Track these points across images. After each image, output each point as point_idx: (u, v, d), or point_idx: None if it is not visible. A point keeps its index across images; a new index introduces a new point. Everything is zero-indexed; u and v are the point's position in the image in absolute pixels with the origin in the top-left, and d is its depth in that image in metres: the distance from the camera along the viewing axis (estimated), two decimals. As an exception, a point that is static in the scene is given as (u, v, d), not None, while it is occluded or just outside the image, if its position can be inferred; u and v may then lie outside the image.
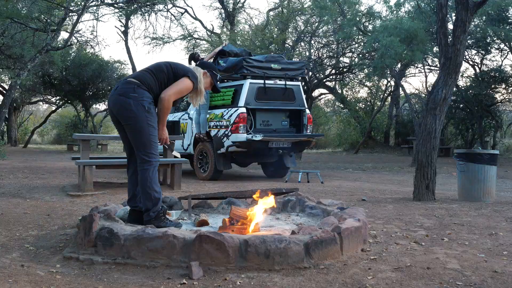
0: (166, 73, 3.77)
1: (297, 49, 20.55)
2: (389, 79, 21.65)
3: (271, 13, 22.93)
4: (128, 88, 3.69)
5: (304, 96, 9.79)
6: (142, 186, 3.76)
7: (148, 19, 40.71)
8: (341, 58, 21.08)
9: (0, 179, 8.42)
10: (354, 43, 20.08)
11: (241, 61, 8.99)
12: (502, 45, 18.63)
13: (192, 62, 9.36)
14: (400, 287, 2.89)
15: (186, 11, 24.33)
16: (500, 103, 20.47)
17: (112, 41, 66.59)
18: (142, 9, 19.16)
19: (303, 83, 9.74)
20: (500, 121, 20.85)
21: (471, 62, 20.02)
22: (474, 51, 19.47)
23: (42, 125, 28.24)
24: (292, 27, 21.05)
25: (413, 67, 20.73)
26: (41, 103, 29.38)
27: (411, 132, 20.80)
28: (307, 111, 9.65)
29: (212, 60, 9.41)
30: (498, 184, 8.42)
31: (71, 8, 15.05)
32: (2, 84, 23.98)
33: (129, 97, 3.66)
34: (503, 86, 19.14)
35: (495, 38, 17.82)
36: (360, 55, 19.96)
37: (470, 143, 19.42)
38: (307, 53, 20.67)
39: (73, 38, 18.38)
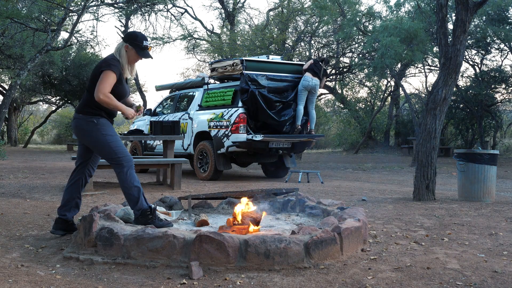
0: (92, 78, 3.94)
1: (297, 49, 20.55)
2: (389, 79, 21.65)
3: (271, 13, 22.93)
4: (75, 114, 4.04)
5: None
6: (121, 188, 3.93)
7: (148, 19, 40.75)
8: (341, 58, 21.08)
9: (0, 179, 8.42)
10: (354, 43, 20.07)
11: None
12: (502, 45, 18.63)
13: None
14: (400, 287, 2.89)
15: (186, 11, 24.33)
16: (500, 103, 20.47)
17: (112, 41, 66.62)
18: (142, 9, 19.15)
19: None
20: (500, 121, 20.85)
21: (471, 62, 20.02)
22: (474, 51, 19.48)
23: (42, 125, 28.24)
24: (292, 27, 21.04)
25: (413, 67, 20.73)
26: (41, 103, 29.38)
27: (411, 132, 20.80)
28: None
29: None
30: (498, 184, 8.43)
31: (71, 8, 15.04)
32: (2, 84, 23.99)
33: (79, 118, 3.97)
34: (503, 86, 19.14)
35: (495, 38, 17.81)
36: (360, 55, 19.96)
37: (470, 143, 19.42)
38: (307, 53, 20.67)
39: (73, 38, 18.39)
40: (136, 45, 3.91)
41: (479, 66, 19.98)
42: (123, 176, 3.87)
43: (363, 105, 24.27)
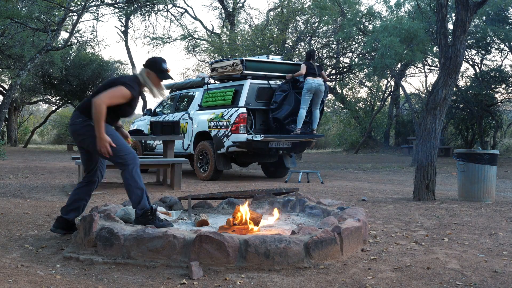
0: (103, 86, 3.96)
1: (297, 49, 20.55)
2: (389, 79, 21.66)
3: (271, 13, 22.93)
4: (74, 117, 4.02)
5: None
6: (124, 186, 3.91)
7: (148, 19, 40.73)
8: (341, 58, 21.08)
9: (0, 179, 8.42)
10: (354, 43, 20.07)
11: None
12: (502, 45, 18.63)
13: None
14: (400, 287, 2.89)
15: (186, 11, 24.35)
16: (500, 103, 20.47)
17: (112, 41, 66.58)
18: (142, 9, 19.16)
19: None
20: (500, 121, 20.85)
21: (471, 62, 20.03)
22: (474, 51, 19.48)
23: (42, 125, 28.22)
24: (292, 27, 21.04)
25: (413, 67, 20.74)
26: (41, 103, 29.36)
27: (411, 132, 20.81)
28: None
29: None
30: (498, 184, 8.43)
31: (71, 8, 15.05)
32: (2, 84, 23.98)
33: (76, 123, 3.97)
34: (503, 86, 19.14)
35: (495, 38, 17.82)
36: (360, 55, 19.96)
37: (470, 143, 19.42)
38: (307, 53, 20.63)
39: (73, 38, 18.39)
40: (156, 69, 4.03)
41: (479, 66, 19.99)
42: (128, 175, 3.85)
43: (363, 105, 24.28)
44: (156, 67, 4.04)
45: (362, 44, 18.84)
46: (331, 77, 21.24)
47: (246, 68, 8.95)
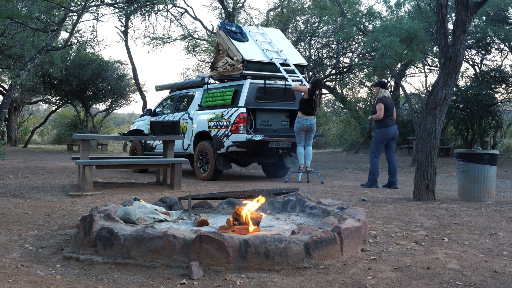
0: None
1: (297, 49, 20.55)
2: (389, 79, 21.64)
3: (271, 13, 22.92)
4: None
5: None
6: None
7: (148, 19, 40.70)
8: (341, 58, 21.07)
9: (0, 179, 8.42)
10: (354, 43, 20.08)
11: None
12: (502, 45, 18.62)
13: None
14: (400, 287, 2.89)
15: (186, 11, 24.28)
16: (500, 103, 20.46)
17: (112, 41, 66.70)
18: (142, 9, 19.14)
19: (303, 83, 9.74)
20: (500, 121, 20.83)
21: (471, 62, 20.01)
22: (474, 51, 19.47)
23: (42, 125, 28.23)
24: (292, 27, 21.04)
25: (413, 67, 20.72)
26: (41, 103, 29.36)
27: (411, 132, 20.79)
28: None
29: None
30: (498, 184, 8.42)
31: (71, 8, 15.05)
32: (2, 84, 23.98)
33: None
34: (503, 86, 19.12)
35: (495, 38, 17.81)
36: (360, 55, 19.96)
37: (470, 143, 19.41)
38: (307, 53, 20.67)
39: (73, 38, 18.39)
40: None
41: (479, 66, 19.98)
42: None
43: (363, 105, 24.28)
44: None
45: (362, 44, 18.85)
46: (331, 77, 21.26)
47: (246, 68, 8.97)
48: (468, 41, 17.09)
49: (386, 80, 8.93)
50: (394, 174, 8.31)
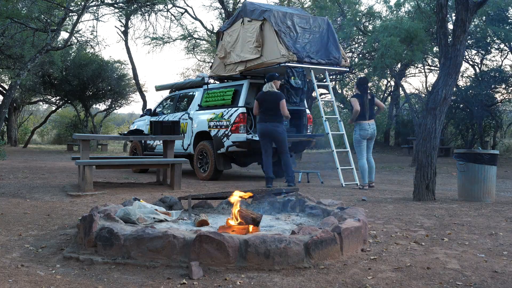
0: None
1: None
2: (389, 79, 21.66)
3: (271, 13, 22.88)
4: None
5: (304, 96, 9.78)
6: None
7: (148, 19, 40.72)
8: (341, 58, 21.05)
9: (0, 179, 8.42)
10: (354, 43, 20.06)
11: None
12: (502, 45, 18.62)
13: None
14: (400, 287, 2.89)
15: (186, 11, 24.28)
16: (500, 103, 20.46)
17: (112, 41, 66.66)
18: (142, 9, 19.16)
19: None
20: (500, 121, 20.83)
21: (471, 62, 20.02)
22: (474, 51, 19.47)
23: (42, 125, 28.23)
24: (292, 27, 21.00)
25: (413, 67, 20.73)
26: (41, 103, 29.36)
27: (411, 132, 20.80)
28: (307, 111, 9.67)
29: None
30: (498, 184, 8.42)
31: (71, 8, 15.05)
32: (2, 84, 23.98)
33: None
34: (503, 86, 19.13)
35: (495, 38, 17.81)
36: (360, 55, 19.96)
37: (470, 143, 19.41)
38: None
39: (73, 38, 18.37)
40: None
41: (479, 66, 19.98)
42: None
43: (363, 105, 24.26)
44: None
45: (362, 44, 18.84)
46: (331, 77, 21.20)
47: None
48: (468, 41, 17.09)
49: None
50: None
